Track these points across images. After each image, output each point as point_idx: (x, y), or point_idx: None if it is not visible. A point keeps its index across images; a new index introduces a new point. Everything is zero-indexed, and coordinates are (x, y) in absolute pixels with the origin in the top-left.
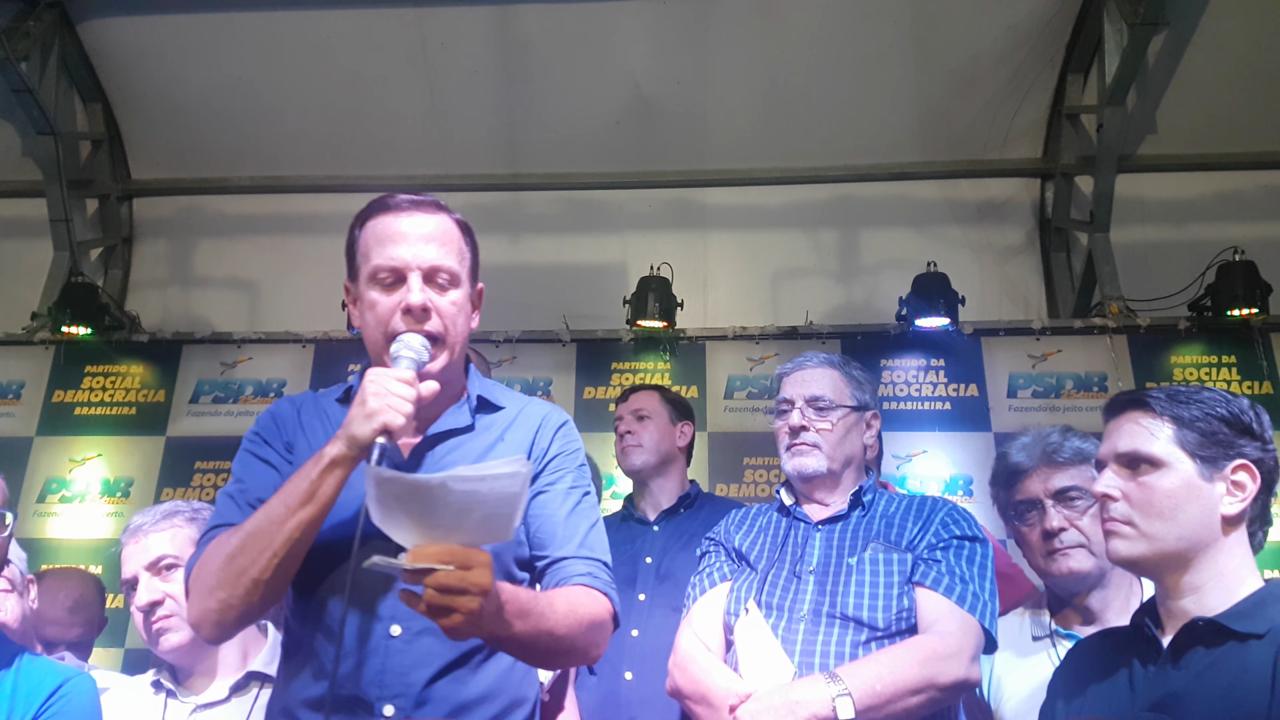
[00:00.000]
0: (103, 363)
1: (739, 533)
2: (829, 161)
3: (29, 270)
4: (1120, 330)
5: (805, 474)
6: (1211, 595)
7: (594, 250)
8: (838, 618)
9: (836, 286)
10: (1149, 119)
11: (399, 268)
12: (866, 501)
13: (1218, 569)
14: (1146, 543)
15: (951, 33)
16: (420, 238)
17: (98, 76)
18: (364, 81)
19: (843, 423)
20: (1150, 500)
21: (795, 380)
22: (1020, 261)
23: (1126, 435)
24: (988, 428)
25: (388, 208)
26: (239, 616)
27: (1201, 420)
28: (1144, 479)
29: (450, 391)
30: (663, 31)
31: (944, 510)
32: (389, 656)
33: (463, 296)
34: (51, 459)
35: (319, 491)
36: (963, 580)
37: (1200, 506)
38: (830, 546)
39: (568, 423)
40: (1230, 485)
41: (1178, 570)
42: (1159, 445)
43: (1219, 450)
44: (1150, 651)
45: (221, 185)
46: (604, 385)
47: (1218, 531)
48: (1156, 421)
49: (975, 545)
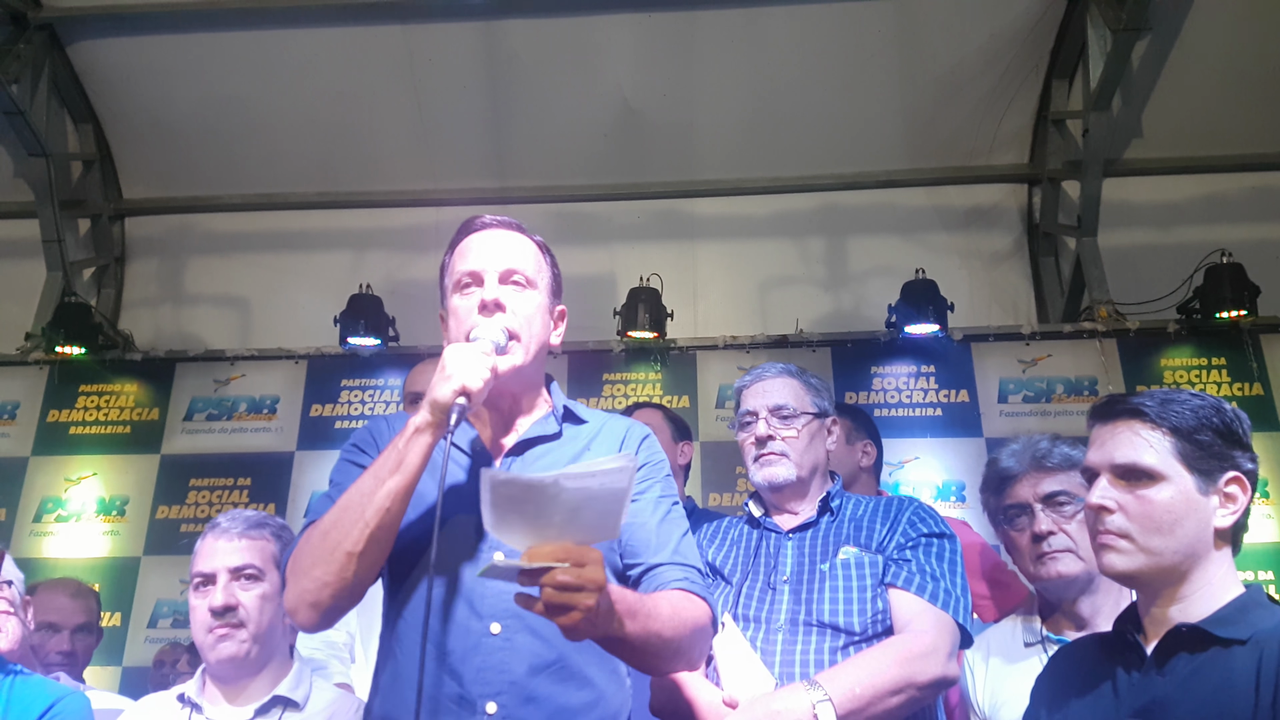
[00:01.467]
0: (97, 382)
1: (710, 547)
2: (816, 170)
3: (22, 290)
4: (1110, 334)
5: (776, 483)
6: (1196, 603)
7: (583, 262)
8: (814, 625)
9: (825, 295)
10: (1134, 123)
11: (476, 270)
12: (835, 507)
13: (1206, 579)
14: (1144, 557)
15: (936, 40)
16: (497, 245)
17: (88, 97)
18: (352, 98)
19: (807, 429)
20: (1150, 514)
21: (756, 391)
22: (1009, 267)
23: (1125, 446)
24: (979, 433)
25: (471, 229)
26: (335, 594)
27: (1199, 431)
28: (1142, 492)
29: (533, 401)
30: (649, 44)
31: (910, 509)
32: (490, 654)
33: (540, 301)
34: (47, 478)
35: (405, 459)
36: (934, 578)
37: (1197, 520)
38: (803, 554)
39: (650, 436)
40: (1223, 497)
41: (1169, 584)
42: (1158, 458)
43: (1215, 464)
44: (1133, 658)
45: (212, 203)
46: (595, 396)
47: (1210, 544)
48: (1154, 433)
49: (944, 542)
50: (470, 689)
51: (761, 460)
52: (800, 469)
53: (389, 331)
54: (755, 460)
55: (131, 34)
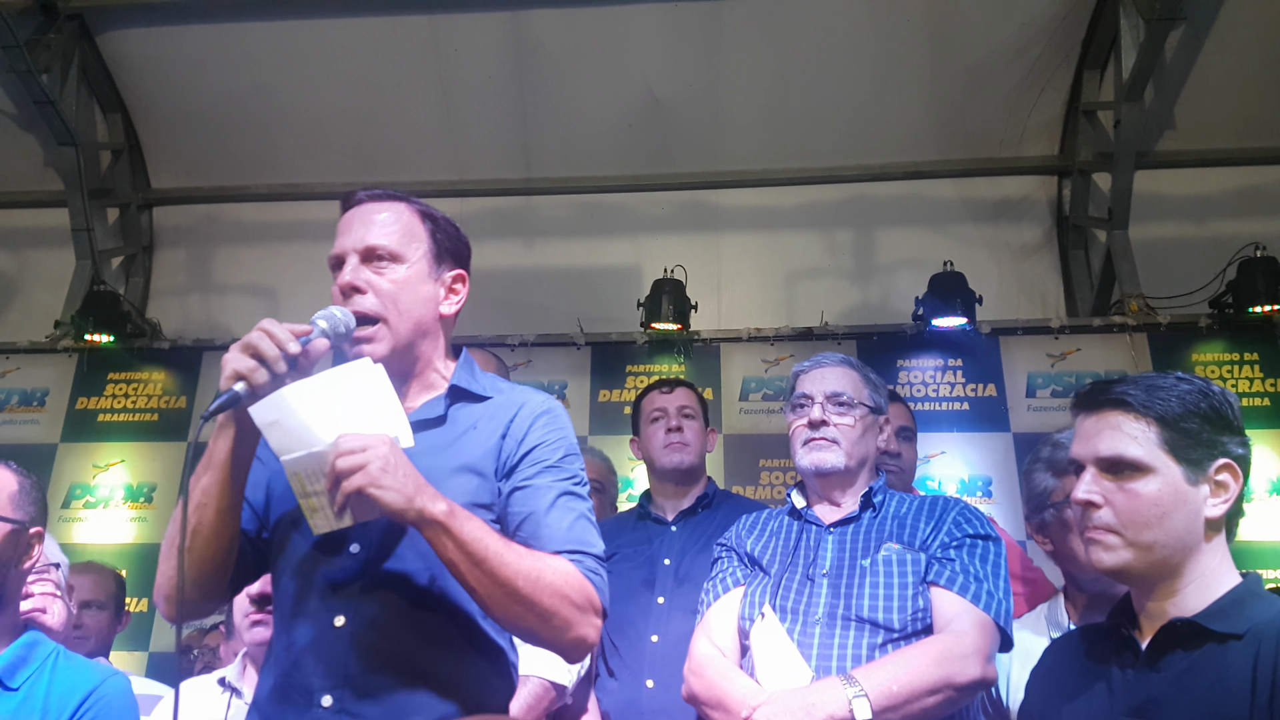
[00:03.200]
0: (125, 370)
1: (750, 537)
2: (843, 161)
3: (52, 279)
4: (1140, 328)
5: (823, 469)
6: (1191, 596)
7: (608, 253)
8: (853, 620)
9: (851, 287)
10: (1167, 114)
11: (338, 253)
12: (877, 502)
13: (1200, 571)
14: (1133, 552)
15: (965, 30)
16: (361, 223)
17: (117, 87)
18: (379, 88)
19: (861, 422)
20: (1137, 508)
21: (814, 377)
22: (1038, 259)
23: (1109, 438)
24: (1006, 428)
25: (345, 206)
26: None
27: (1185, 419)
28: (1129, 485)
29: (426, 380)
30: (674, 34)
31: (956, 509)
32: (333, 646)
33: (409, 275)
34: (76, 465)
35: (213, 455)
36: (977, 579)
37: (1186, 512)
38: (843, 549)
39: (551, 411)
40: (1214, 486)
41: (1162, 578)
42: (1143, 450)
43: (1203, 451)
44: (1128, 653)
45: (240, 193)
46: (619, 388)
47: (1201, 535)
48: (1139, 424)
49: (989, 544)
50: (311, 680)
51: (812, 445)
52: (850, 459)
53: None
54: (805, 444)
55: (160, 24)
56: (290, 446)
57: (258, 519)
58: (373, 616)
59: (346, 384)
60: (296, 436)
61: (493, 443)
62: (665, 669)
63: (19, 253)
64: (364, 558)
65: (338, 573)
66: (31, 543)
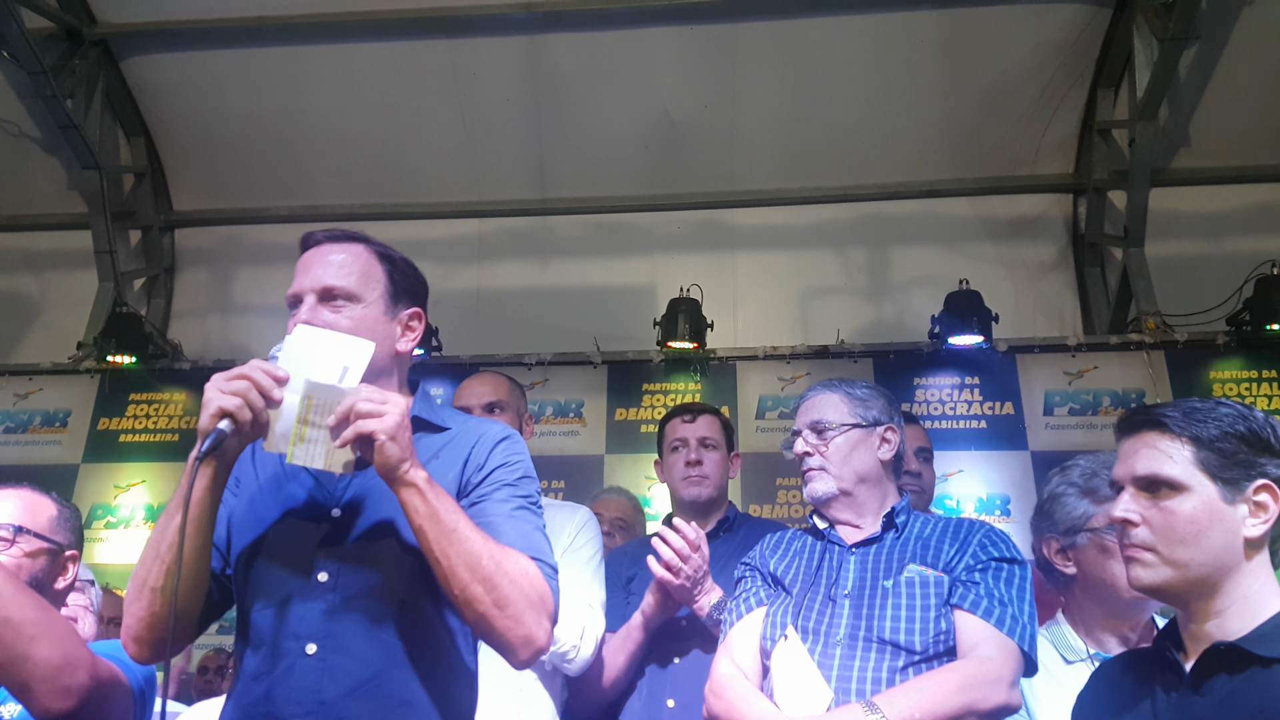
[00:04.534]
0: (146, 391)
1: (774, 557)
2: (858, 180)
3: (75, 300)
4: (1158, 345)
5: (817, 498)
6: (1234, 619)
7: (624, 273)
8: (874, 642)
9: (867, 305)
10: (1182, 132)
11: (296, 293)
12: (900, 523)
13: (1241, 593)
14: (1170, 570)
15: (979, 50)
16: (320, 264)
17: (140, 111)
18: (398, 111)
19: (845, 440)
20: (1173, 526)
21: (802, 411)
22: (1054, 277)
23: (1144, 458)
24: (1024, 446)
25: (304, 245)
26: (150, 627)
27: (1221, 440)
28: (1165, 504)
29: None
30: (690, 55)
31: (981, 532)
32: (304, 674)
33: (364, 316)
34: (98, 485)
35: (190, 492)
36: (1002, 603)
37: (1223, 530)
38: (865, 569)
39: (509, 438)
40: (1252, 506)
41: (1202, 597)
42: (1179, 468)
43: (1240, 471)
44: (1172, 677)
45: (260, 215)
46: (635, 406)
47: (1240, 555)
48: (1175, 443)
49: (1014, 567)
50: (282, 709)
51: (805, 476)
52: (840, 480)
53: (432, 341)
54: (803, 474)
55: (182, 49)
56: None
57: (221, 556)
58: (344, 643)
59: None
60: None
61: (455, 471)
62: (686, 689)
63: (42, 274)
64: (332, 585)
65: (307, 601)
66: (67, 564)
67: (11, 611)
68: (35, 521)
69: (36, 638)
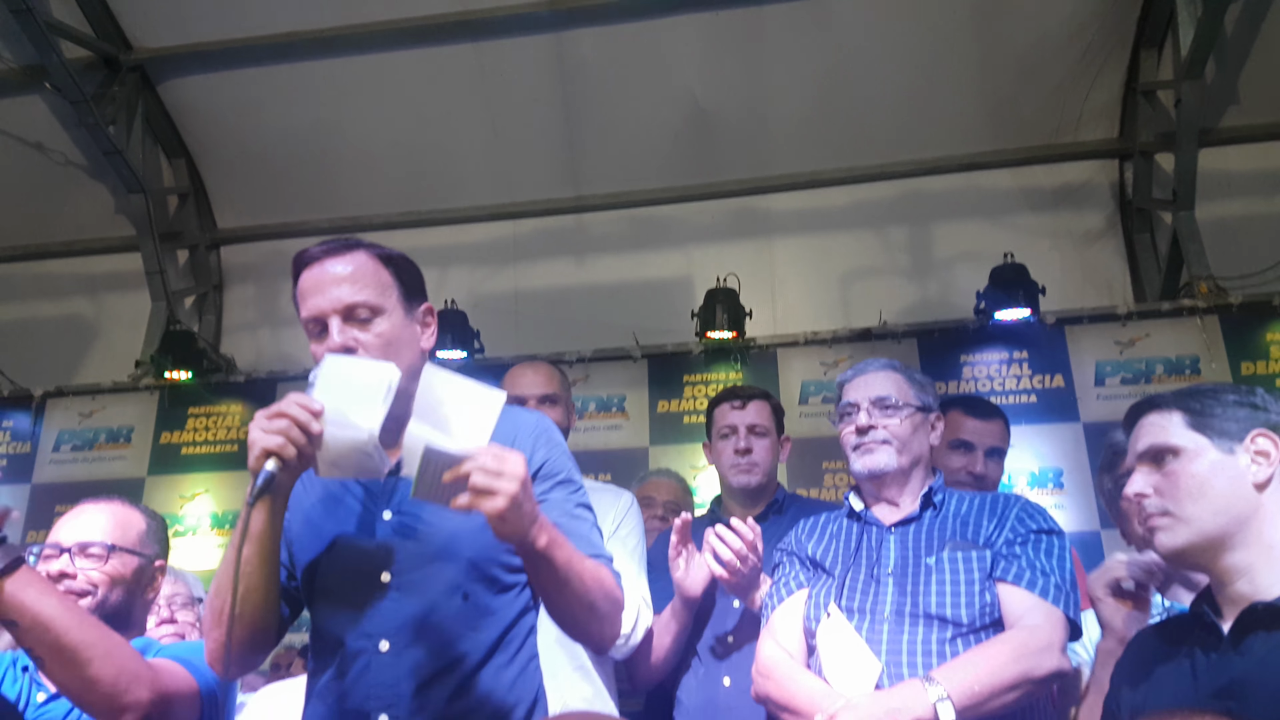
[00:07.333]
0: (204, 404)
1: (810, 541)
2: (895, 157)
3: (130, 321)
4: (1211, 310)
5: (876, 470)
6: (1264, 574)
7: (660, 266)
8: (921, 617)
9: (909, 284)
10: (1230, 89)
11: (318, 317)
12: (938, 501)
13: (1264, 543)
14: (1185, 527)
15: (1015, 15)
16: (332, 282)
17: (180, 133)
18: (429, 118)
19: (909, 421)
20: (1179, 485)
21: (858, 385)
22: (1102, 246)
23: (1144, 436)
24: (1076, 418)
25: (304, 263)
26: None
27: (1211, 402)
28: (1168, 468)
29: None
30: (716, 42)
31: (1017, 506)
32: (381, 670)
33: (391, 325)
34: (163, 497)
35: (251, 529)
36: (1044, 573)
37: (1228, 479)
38: (906, 548)
39: (545, 427)
40: (1254, 455)
41: (1226, 551)
42: (1174, 434)
43: (1234, 425)
44: (1211, 639)
45: (302, 228)
46: (677, 398)
47: (1253, 502)
48: (1168, 414)
49: (1052, 538)
50: (364, 703)
51: (862, 449)
52: (901, 457)
53: (474, 344)
54: (855, 449)
55: (216, 69)
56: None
57: (285, 570)
58: (414, 638)
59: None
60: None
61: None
62: (741, 668)
63: (97, 297)
64: (396, 584)
65: (375, 602)
66: (155, 574)
67: (72, 638)
68: (125, 537)
69: (93, 660)
